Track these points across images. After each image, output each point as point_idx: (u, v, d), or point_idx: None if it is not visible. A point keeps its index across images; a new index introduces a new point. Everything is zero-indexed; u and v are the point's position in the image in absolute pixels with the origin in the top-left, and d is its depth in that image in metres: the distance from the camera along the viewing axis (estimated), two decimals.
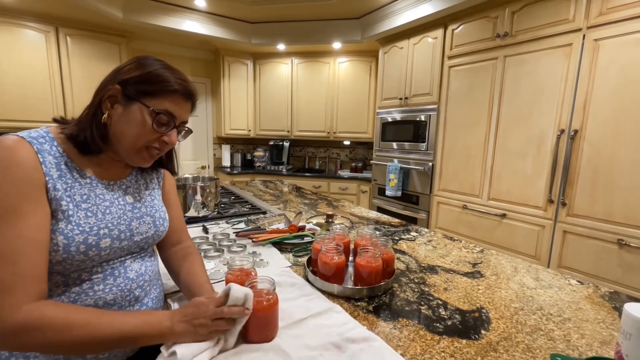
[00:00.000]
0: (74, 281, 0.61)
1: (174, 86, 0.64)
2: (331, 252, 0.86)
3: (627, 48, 1.58)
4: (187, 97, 0.67)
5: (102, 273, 0.64)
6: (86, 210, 0.61)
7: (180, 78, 0.66)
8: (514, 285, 0.93)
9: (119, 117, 0.63)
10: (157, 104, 0.63)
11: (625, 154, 1.60)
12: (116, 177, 0.70)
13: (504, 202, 2.15)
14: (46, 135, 0.60)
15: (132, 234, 0.68)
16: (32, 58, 2.73)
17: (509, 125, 2.09)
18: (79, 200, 0.61)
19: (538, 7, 1.91)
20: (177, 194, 0.89)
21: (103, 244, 0.62)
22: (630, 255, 1.60)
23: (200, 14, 3.13)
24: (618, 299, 0.87)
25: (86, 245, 0.59)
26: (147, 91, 0.62)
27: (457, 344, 0.65)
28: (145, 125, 0.63)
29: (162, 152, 0.69)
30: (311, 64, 3.71)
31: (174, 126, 0.66)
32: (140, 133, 0.63)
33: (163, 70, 0.64)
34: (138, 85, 0.62)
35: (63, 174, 0.60)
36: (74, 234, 0.58)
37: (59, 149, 0.61)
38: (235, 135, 3.95)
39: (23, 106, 2.74)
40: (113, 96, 0.62)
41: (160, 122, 0.64)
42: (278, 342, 0.63)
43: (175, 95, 0.65)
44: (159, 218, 0.75)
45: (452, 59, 2.42)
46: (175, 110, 0.65)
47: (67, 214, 0.59)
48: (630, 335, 0.55)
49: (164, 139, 0.66)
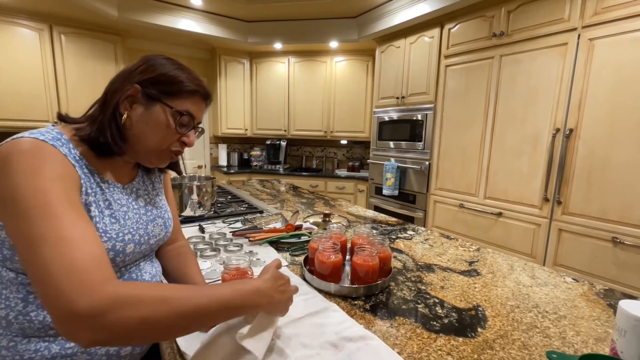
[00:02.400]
0: None
1: (194, 87, 0.64)
2: (328, 251, 0.86)
3: (621, 47, 1.59)
4: (205, 97, 0.68)
5: (121, 278, 0.63)
6: (110, 216, 0.60)
7: (197, 79, 0.66)
8: (510, 283, 0.93)
9: (139, 118, 0.61)
10: (179, 105, 0.62)
11: (620, 153, 1.61)
12: (127, 179, 0.69)
13: (500, 200, 2.16)
14: (61, 138, 0.56)
15: (149, 237, 0.68)
16: (26, 56, 2.70)
17: (505, 125, 2.10)
18: (103, 206, 0.60)
19: (534, 6, 1.92)
20: (172, 193, 0.89)
21: (128, 250, 0.61)
22: (624, 253, 1.62)
23: (197, 12, 3.11)
24: (613, 296, 0.87)
25: (114, 252, 0.58)
26: (168, 91, 0.61)
27: (454, 342, 0.65)
28: (169, 125, 0.62)
29: (180, 153, 0.69)
30: (308, 63, 3.70)
31: (193, 127, 0.66)
32: (163, 134, 0.62)
33: (180, 72, 0.63)
34: (159, 86, 0.61)
35: (87, 179, 0.58)
36: (102, 241, 0.56)
37: (76, 152, 0.58)
38: (231, 135, 3.93)
39: (17, 105, 2.71)
40: (132, 96, 0.60)
41: (182, 123, 0.63)
42: (275, 341, 0.62)
43: (196, 96, 0.65)
44: (167, 219, 0.75)
45: (449, 58, 2.43)
46: (195, 111, 0.65)
47: (94, 220, 0.57)
48: (625, 332, 0.56)
49: (184, 140, 0.66)
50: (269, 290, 0.57)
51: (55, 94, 2.86)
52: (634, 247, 1.58)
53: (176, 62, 0.66)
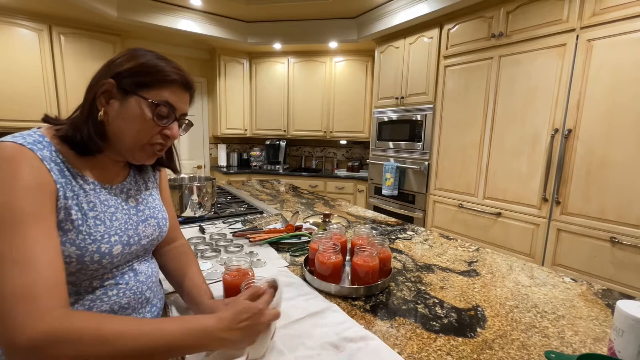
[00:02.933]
0: (86, 289, 0.59)
1: (172, 76, 0.61)
2: (328, 251, 0.86)
3: (619, 48, 1.59)
4: (186, 87, 0.64)
5: (113, 279, 0.62)
6: (94, 218, 0.59)
7: (177, 68, 0.63)
8: (509, 283, 0.94)
9: (116, 113, 0.59)
10: (156, 95, 0.60)
11: (618, 153, 1.62)
12: (116, 180, 0.68)
13: (499, 200, 2.16)
14: (42, 140, 0.56)
15: (140, 238, 0.67)
16: (25, 57, 2.69)
17: (504, 125, 2.11)
18: (87, 209, 0.58)
19: (532, 7, 1.92)
20: (169, 192, 0.88)
21: (115, 251, 0.60)
22: (622, 253, 1.63)
23: (196, 12, 3.11)
24: (611, 296, 0.88)
25: (100, 253, 0.58)
26: (143, 83, 0.59)
27: (454, 342, 0.66)
28: (145, 118, 0.59)
29: (165, 147, 0.66)
30: (307, 64, 3.70)
31: (175, 118, 0.64)
32: (141, 128, 0.60)
33: (158, 60, 0.61)
34: (133, 77, 0.59)
35: (68, 181, 0.57)
36: (86, 243, 0.56)
37: (58, 154, 0.57)
38: (231, 135, 3.93)
39: (16, 105, 2.70)
40: (108, 91, 0.59)
41: (161, 115, 0.61)
42: (276, 342, 0.63)
43: (174, 86, 0.62)
44: (161, 219, 0.74)
45: (448, 59, 2.43)
46: (175, 102, 0.62)
47: (76, 223, 0.56)
48: (622, 331, 0.56)
49: (166, 133, 0.63)
50: (222, 332, 0.53)
51: (55, 94, 2.86)
52: (632, 247, 1.59)
53: (157, 53, 0.63)
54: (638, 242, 1.57)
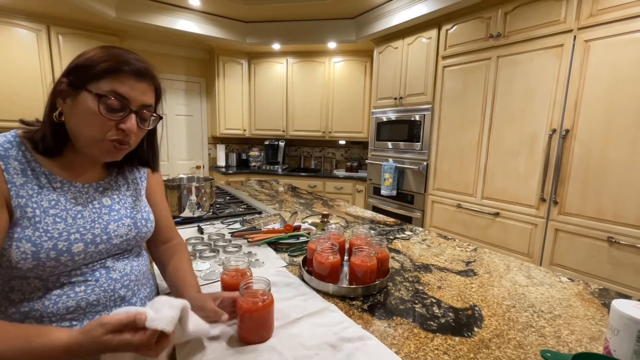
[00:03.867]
0: (54, 284, 0.60)
1: (119, 65, 0.57)
2: (326, 251, 0.86)
3: (616, 49, 1.60)
4: (138, 75, 0.59)
5: (82, 275, 0.62)
6: (54, 216, 0.59)
7: (128, 56, 0.59)
8: (507, 283, 0.94)
9: (70, 111, 0.58)
10: (103, 87, 0.56)
11: (615, 154, 1.63)
12: (92, 179, 0.68)
13: (498, 200, 2.17)
14: (13, 140, 0.59)
15: (110, 237, 0.66)
16: (23, 57, 2.69)
17: (502, 125, 2.11)
18: (47, 206, 0.59)
19: (530, 8, 1.93)
20: (164, 192, 0.88)
21: (75, 249, 0.60)
22: (619, 253, 1.63)
23: (195, 13, 3.11)
24: (607, 296, 0.89)
25: (56, 251, 0.58)
26: (90, 75, 0.56)
27: (451, 342, 0.66)
28: (96, 113, 0.56)
29: (126, 142, 0.61)
30: (306, 64, 3.71)
31: (130, 111, 0.59)
32: (92, 122, 0.57)
33: (102, 51, 0.58)
34: (81, 72, 0.57)
35: (29, 180, 0.58)
36: (42, 240, 0.57)
37: (26, 154, 0.59)
38: (230, 135, 3.93)
39: (14, 106, 2.70)
40: (62, 90, 0.58)
41: (110, 107, 0.57)
42: (273, 342, 0.63)
43: (122, 75, 0.57)
44: (140, 219, 0.72)
45: (446, 59, 2.44)
46: (126, 92, 0.58)
47: (33, 221, 0.57)
48: (618, 330, 0.57)
49: (121, 127, 0.59)
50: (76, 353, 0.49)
51: None
52: (629, 247, 1.60)
53: (120, 48, 0.60)
54: (635, 242, 1.58)
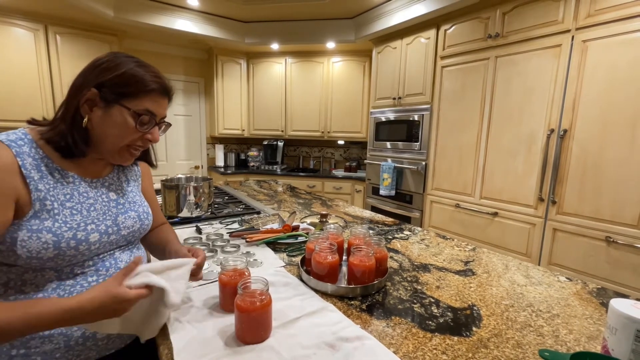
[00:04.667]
0: (67, 275, 0.64)
1: (152, 85, 0.65)
2: (325, 251, 0.86)
3: (614, 49, 1.61)
4: (165, 94, 0.69)
5: (93, 266, 0.67)
6: (71, 208, 0.64)
7: (156, 75, 0.67)
8: (505, 282, 0.95)
9: (99, 120, 0.64)
10: (137, 105, 0.64)
11: (613, 153, 1.63)
12: (98, 174, 0.72)
13: (496, 200, 2.17)
14: (24, 137, 0.61)
15: (119, 228, 0.71)
16: (21, 57, 2.68)
17: (501, 125, 2.12)
18: (63, 199, 0.63)
19: (528, 8, 1.94)
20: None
21: (92, 239, 0.65)
22: (617, 252, 1.64)
23: (193, 12, 3.11)
24: (605, 295, 0.89)
25: (76, 240, 0.62)
26: (125, 93, 0.63)
27: (449, 341, 0.66)
28: (128, 126, 0.64)
29: (144, 148, 0.72)
30: (305, 64, 3.71)
31: (155, 124, 0.68)
32: (124, 134, 0.65)
33: (138, 69, 0.64)
34: (115, 88, 0.62)
35: (44, 175, 0.61)
36: (62, 230, 0.61)
37: (39, 151, 0.62)
38: (229, 135, 3.93)
39: (12, 105, 2.69)
40: (90, 100, 0.63)
41: (142, 122, 0.66)
42: (271, 342, 0.63)
43: (153, 94, 0.66)
44: (142, 212, 0.78)
45: (445, 59, 2.44)
46: (155, 109, 0.67)
47: (52, 213, 0.61)
48: (615, 330, 0.57)
49: (147, 137, 0.68)
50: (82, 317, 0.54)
51: (51, 94, 2.84)
52: (627, 246, 1.60)
53: (136, 59, 0.67)
54: (633, 242, 1.58)
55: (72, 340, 0.63)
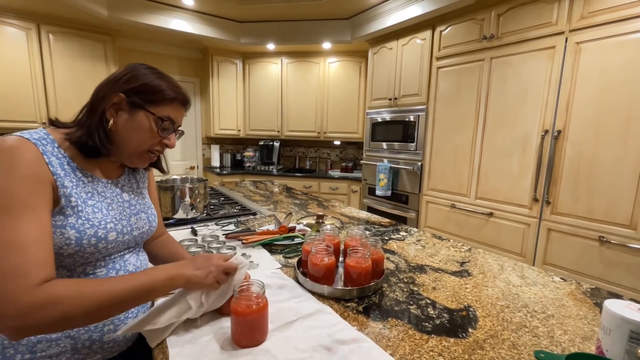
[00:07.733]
0: (79, 275, 0.65)
1: (174, 95, 0.72)
2: (321, 253, 0.86)
3: (607, 51, 1.63)
4: (184, 104, 0.76)
5: (105, 267, 0.69)
6: (92, 206, 0.66)
7: (177, 87, 0.74)
8: (500, 283, 0.95)
9: (124, 124, 0.68)
10: (161, 111, 0.70)
11: (606, 154, 1.65)
12: (113, 175, 0.75)
13: (491, 201, 2.19)
14: (47, 137, 0.63)
15: (132, 229, 0.74)
16: (13, 56, 2.64)
17: (496, 126, 2.13)
18: (85, 197, 0.65)
19: (523, 10, 1.95)
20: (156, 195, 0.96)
21: (110, 237, 0.67)
22: (610, 252, 1.66)
23: (188, 12, 3.08)
24: (599, 295, 0.90)
25: (97, 238, 0.64)
26: (151, 100, 0.69)
27: (445, 343, 0.66)
28: (152, 130, 0.70)
29: (160, 153, 0.77)
30: (301, 64, 3.70)
31: (173, 130, 0.74)
32: (145, 137, 0.70)
33: (160, 81, 0.71)
34: (142, 95, 0.68)
35: (67, 173, 0.64)
36: (85, 227, 0.63)
37: (60, 150, 0.64)
38: (224, 135, 3.91)
39: (3, 105, 2.65)
40: (117, 104, 0.67)
41: (164, 128, 0.71)
42: (268, 346, 0.63)
43: (175, 103, 0.73)
44: (151, 214, 0.82)
45: (440, 60, 2.45)
46: (175, 117, 0.73)
47: (76, 210, 0.63)
48: (610, 330, 0.57)
49: (165, 142, 0.73)
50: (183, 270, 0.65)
51: (44, 94, 2.80)
52: (620, 246, 1.62)
53: (157, 70, 0.73)
54: (625, 241, 1.60)
55: (79, 343, 0.64)
